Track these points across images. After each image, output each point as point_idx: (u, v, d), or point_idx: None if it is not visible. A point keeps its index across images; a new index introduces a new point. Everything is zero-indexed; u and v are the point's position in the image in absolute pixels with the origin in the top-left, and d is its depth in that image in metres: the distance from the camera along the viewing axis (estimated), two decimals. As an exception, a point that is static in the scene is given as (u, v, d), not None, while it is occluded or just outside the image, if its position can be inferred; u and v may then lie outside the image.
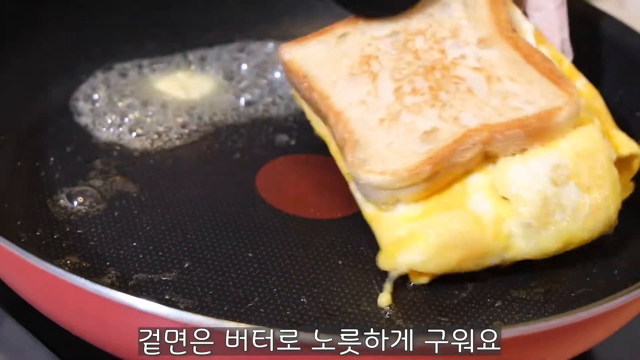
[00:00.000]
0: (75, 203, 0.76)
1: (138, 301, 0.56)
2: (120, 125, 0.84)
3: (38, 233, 0.73)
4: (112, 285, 0.67)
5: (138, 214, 0.75)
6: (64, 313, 0.63)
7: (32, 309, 0.65)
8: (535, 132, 0.67)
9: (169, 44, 0.93)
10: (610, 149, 0.70)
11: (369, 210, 0.70)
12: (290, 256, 0.73)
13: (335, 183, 0.81)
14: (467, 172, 0.68)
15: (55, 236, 0.73)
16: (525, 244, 0.68)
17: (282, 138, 0.86)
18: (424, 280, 0.70)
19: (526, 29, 0.76)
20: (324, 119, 0.73)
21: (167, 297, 0.68)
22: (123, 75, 0.89)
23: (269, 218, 0.76)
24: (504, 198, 0.67)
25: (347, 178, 0.73)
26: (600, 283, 0.72)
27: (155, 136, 0.83)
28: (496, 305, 0.70)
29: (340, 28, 0.77)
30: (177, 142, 0.84)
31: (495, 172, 0.68)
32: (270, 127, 0.87)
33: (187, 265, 0.71)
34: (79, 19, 0.89)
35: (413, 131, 0.68)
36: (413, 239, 0.67)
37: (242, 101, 0.89)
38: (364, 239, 0.75)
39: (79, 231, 0.73)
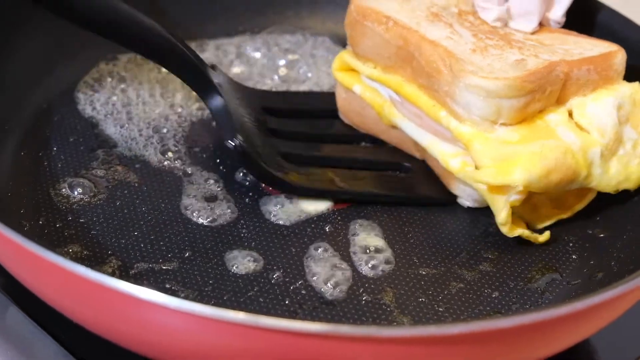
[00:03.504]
0: (78, 192, 0.76)
1: (139, 290, 0.56)
2: (123, 116, 0.84)
3: (40, 222, 0.73)
4: (113, 274, 0.68)
5: (139, 203, 0.76)
6: (66, 301, 0.64)
7: (36, 298, 0.65)
8: (602, 70, 0.76)
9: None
10: None
11: (466, 131, 0.74)
12: (289, 247, 0.73)
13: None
14: (544, 111, 0.75)
15: (57, 225, 0.73)
16: (599, 173, 0.75)
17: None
18: (517, 232, 0.74)
19: None
20: (404, 59, 0.77)
21: (167, 286, 0.69)
22: (126, 65, 0.90)
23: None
24: (584, 131, 0.75)
25: (433, 111, 0.76)
26: (598, 274, 0.73)
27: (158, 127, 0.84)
28: (494, 295, 0.71)
29: None
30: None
31: (574, 108, 0.76)
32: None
33: (187, 255, 0.72)
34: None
35: (504, 59, 0.75)
36: (522, 160, 0.72)
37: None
38: (361, 231, 0.76)
39: (81, 220, 0.74)
